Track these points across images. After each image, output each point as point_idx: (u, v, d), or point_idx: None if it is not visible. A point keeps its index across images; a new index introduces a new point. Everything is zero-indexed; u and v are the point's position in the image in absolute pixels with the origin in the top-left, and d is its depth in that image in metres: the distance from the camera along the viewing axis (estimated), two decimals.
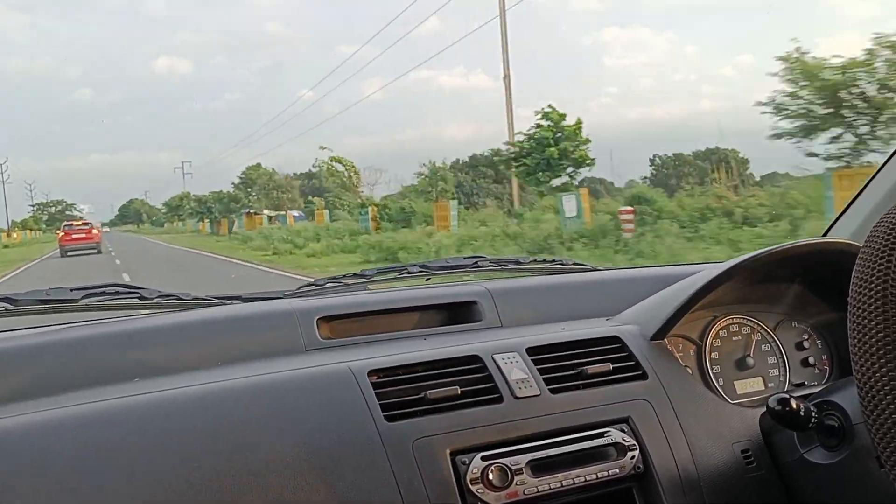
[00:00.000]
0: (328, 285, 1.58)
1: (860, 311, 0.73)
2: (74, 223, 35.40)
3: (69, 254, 30.38)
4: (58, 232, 37.65)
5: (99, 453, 0.93)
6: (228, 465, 0.94)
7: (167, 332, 1.28)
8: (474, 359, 1.14)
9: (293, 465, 0.96)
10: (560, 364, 1.17)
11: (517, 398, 1.09)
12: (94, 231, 33.79)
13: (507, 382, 1.11)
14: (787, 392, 1.24)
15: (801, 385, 1.36)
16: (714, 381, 1.30)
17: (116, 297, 1.37)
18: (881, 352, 0.71)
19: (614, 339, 1.23)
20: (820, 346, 1.40)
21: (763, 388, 1.34)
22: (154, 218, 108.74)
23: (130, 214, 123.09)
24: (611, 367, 1.17)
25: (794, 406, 1.00)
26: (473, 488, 0.99)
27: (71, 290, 1.33)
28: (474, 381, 1.11)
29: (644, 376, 1.18)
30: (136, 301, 1.38)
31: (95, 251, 30.93)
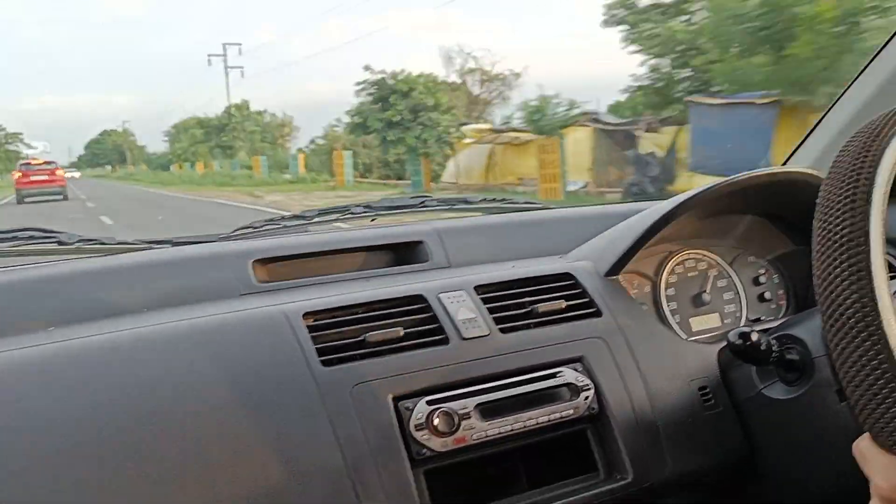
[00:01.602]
0: (266, 227, 1.48)
1: (825, 238, 0.67)
2: (33, 162, 28.68)
3: (27, 200, 25.42)
4: (13, 174, 30.86)
5: (10, 404, 0.84)
6: (154, 414, 0.86)
7: (87, 277, 1.18)
8: (418, 298, 1.07)
9: (224, 414, 0.88)
10: (510, 303, 1.10)
11: (464, 339, 1.03)
12: (59, 172, 28.06)
13: (453, 323, 1.04)
14: (745, 326, 1.20)
15: (757, 321, 1.32)
16: (670, 317, 1.25)
17: (31, 241, 1.26)
18: (847, 279, 0.65)
19: (567, 275, 1.17)
20: (776, 281, 1.36)
21: (719, 324, 1.30)
22: (150, 157, 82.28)
23: (105, 153, 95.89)
24: (564, 304, 1.11)
25: (755, 340, 0.96)
26: (417, 435, 0.92)
27: None
28: (418, 321, 1.04)
29: (598, 313, 1.12)
30: (55, 246, 1.27)
31: (61, 197, 25.73)
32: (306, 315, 1.01)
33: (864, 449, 0.66)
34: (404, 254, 1.38)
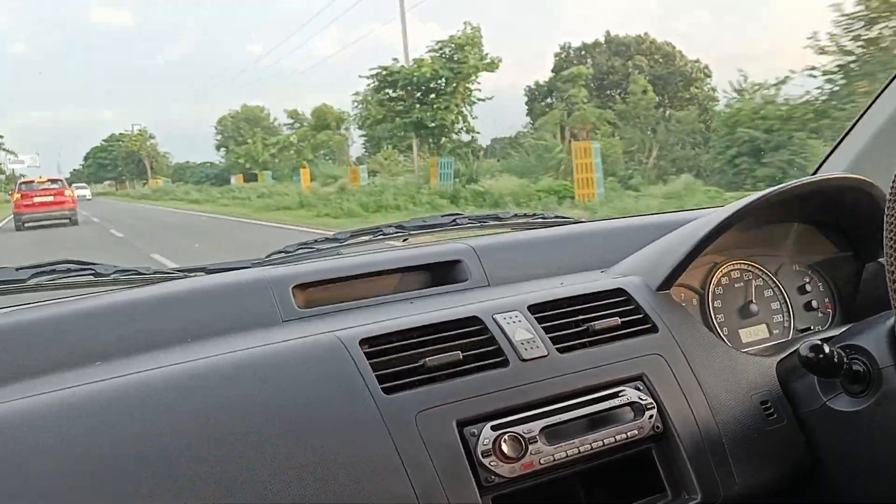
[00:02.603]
0: (299, 251, 1.47)
1: None
2: (36, 181, 23.38)
3: (29, 225, 21.16)
4: (12, 195, 25.17)
5: (59, 450, 0.81)
6: (212, 450, 0.84)
7: (127, 309, 1.16)
8: (474, 320, 1.05)
9: (284, 449, 0.86)
10: (565, 321, 1.09)
11: (524, 360, 1.01)
12: (68, 193, 22.98)
13: (511, 344, 1.02)
14: (793, 339, 1.19)
15: (806, 330, 1.31)
16: (719, 330, 1.24)
17: (68, 275, 1.24)
18: None
19: (619, 291, 1.15)
20: (822, 289, 1.35)
21: (767, 335, 1.28)
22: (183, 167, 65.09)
23: (112, 164, 74.22)
24: (619, 321, 1.09)
25: (828, 352, 0.94)
26: (486, 461, 0.90)
27: (17, 270, 1.20)
28: (475, 344, 1.02)
29: (654, 329, 1.10)
30: (91, 278, 1.25)
31: (69, 222, 21.62)
32: (363, 341, 0.99)
33: None
34: (442, 273, 1.36)
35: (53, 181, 23.45)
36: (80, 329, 1.10)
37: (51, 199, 22.18)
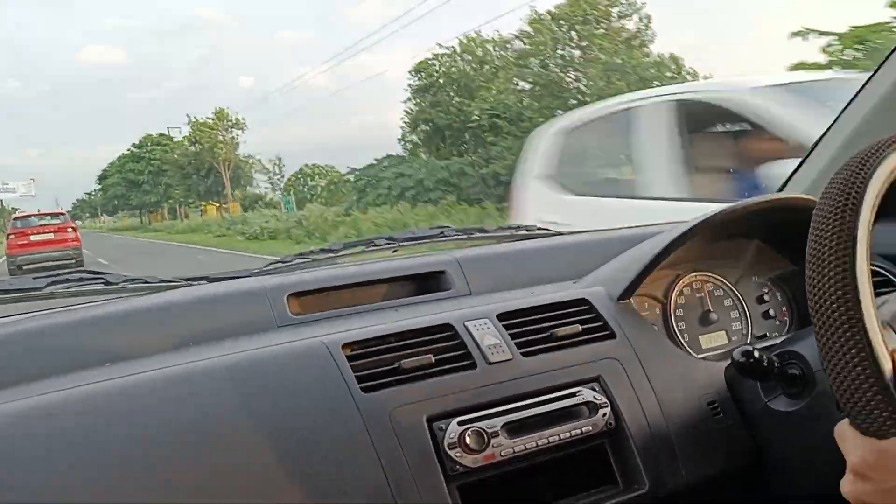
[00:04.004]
0: (296, 261, 1.58)
1: (817, 261, 0.76)
2: (33, 216, 20.11)
3: (26, 269, 17.59)
4: (6, 234, 21.36)
5: (67, 442, 0.92)
6: (206, 444, 0.95)
7: (134, 315, 1.27)
8: (446, 327, 1.16)
9: (273, 441, 0.97)
10: (530, 328, 1.19)
11: (490, 363, 1.11)
12: (70, 229, 19.27)
13: (479, 348, 1.13)
14: (749, 344, 1.29)
15: (762, 337, 1.40)
16: (679, 336, 1.34)
17: (81, 283, 1.35)
18: (836, 300, 0.74)
19: (582, 301, 1.26)
20: (779, 299, 1.45)
21: (727, 341, 1.38)
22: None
23: (147, 181, 54.41)
24: (580, 328, 1.20)
25: (757, 356, 1.04)
26: (451, 452, 1.01)
27: (34, 279, 1.31)
28: (447, 348, 1.13)
29: (612, 336, 1.20)
30: (102, 286, 1.37)
31: (72, 262, 18.16)
32: (345, 345, 1.10)
33: (843, 431, 0.79)
34: (428, 283, 1.47)
35: (55, 215, 20.26)
36: (91, 333, 1.21)
37: (51, 236, 18.71)
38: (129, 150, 58.19)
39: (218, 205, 48.53)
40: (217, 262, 17.50)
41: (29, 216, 20.23)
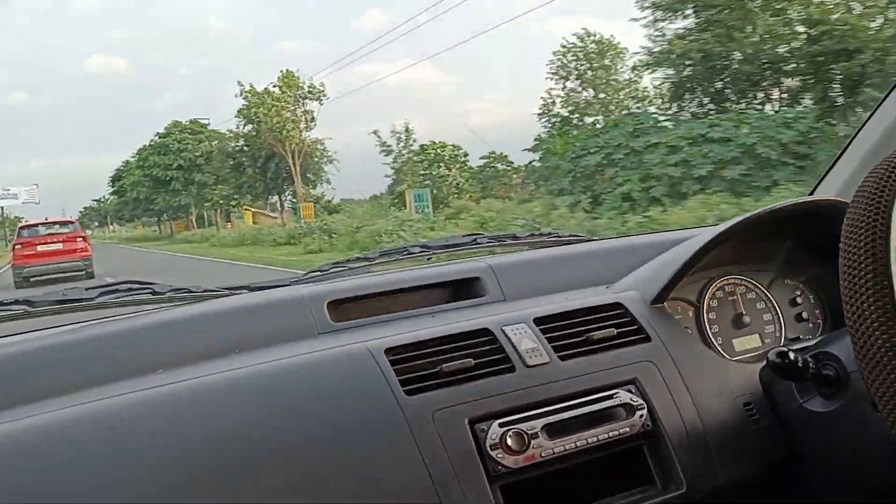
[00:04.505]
0: (332, 270, 1.62)
1: (851, 262, 0.78)
2: (41, 224, 19.24)
3: (34, 280, 17.19)
4: (11, 244, 20.10)
5: (124, 446, 0.96)
6: (254, 447, 0.99)
7: (182, 324, 1.32)
8: (485, 332, 1.19)
9: (319, 443, 1.00)
10: (566, 332, 1.22)
11: (528, 366, 1.14)
12: (80, 238, 18.41)
13: (517, 352, 1.16)
14: (784, 346, 1.30)
15: (796, 339, 1.41)
16: (713, 339, 1.36)
17: (130, 293, 1.40)
18: (871, 301, 0.76)
19: (617, 305, 1.28)
20: (812, 301, 1.46)
21: (760, 344, 1.39)
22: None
23: (177, 178, 40.36)
24: (615, 331, 1.22)
25: (792, 358, 1.06)
26: (493, 453, 1.04)
27: (86, 290, 1.36)
28: (486, 352, 1.16)
29: (647, 339, 1.23)
30: (149, 296, 1.41)
31: (83, 275, 17.55)
32: (387, 350, 1.13)
33: None
34: (463, 290, 1.50)
35: (64, 223, 19.13)
36: (141, 341, 1.26)
37: (59, 246, 17.68)
38: (152, 141, 43.42)
39: (278, 207, 35.96)
40: None
41: (36, 225, 19.32)
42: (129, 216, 48.10)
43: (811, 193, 1.72)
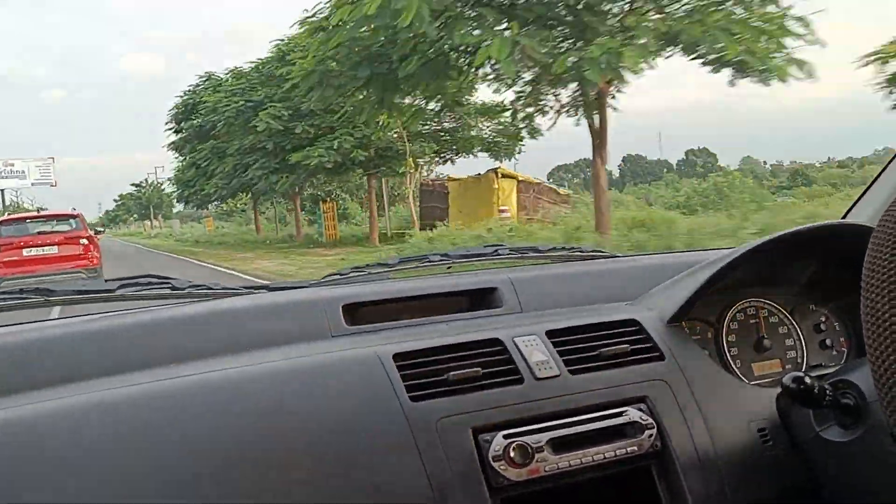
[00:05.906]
0: (352, 274, 1.62)
1: (872, 291, 0.76)
2: (28, 219, 13.99)
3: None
4: None
5: (139, 434, 0.98)
6: (260, 440, 0.99)
7: (199, 319, 1.33)
8: (495, 341, 1.18)
9: (322, 445, 1.00)
10: (579, 346, 1.20)
11: (537, 379, 1.13)
12: (83, 240, 13.25)
13: (527, 364, 1.14)
14: (804, 372, 1.27)
15: (818, 366, 1.37)
16: (731, 362, 1.32)
17: (150, 287, 1.42)
18: (892, 331, 0.73)
19: (632, 321, 1.26)
20: (838, 329, 1.42)
21: (780, 369, 1.36)
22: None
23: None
24: (628, 348, 1.20)
25: (808, 383, 1.03)
26: (496, 465, 1.02)
27: (106, 282, 1.38)
28: (495, 362, 1.15)
29: (661, 357, 1.20)
30: (168, 291, 1.43)
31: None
32: (396, 356, 1.13)
33: None
34: (479, 300, 1.49)
35: (62, 218, 13.93)
36: (159, 334, 1.27)
37: (54, 250, 12.87)
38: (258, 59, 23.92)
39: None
40: None
41: (23, 220, 14.05)
42: (197, 196, 30.09)
43: (843, 217, 1.68)
